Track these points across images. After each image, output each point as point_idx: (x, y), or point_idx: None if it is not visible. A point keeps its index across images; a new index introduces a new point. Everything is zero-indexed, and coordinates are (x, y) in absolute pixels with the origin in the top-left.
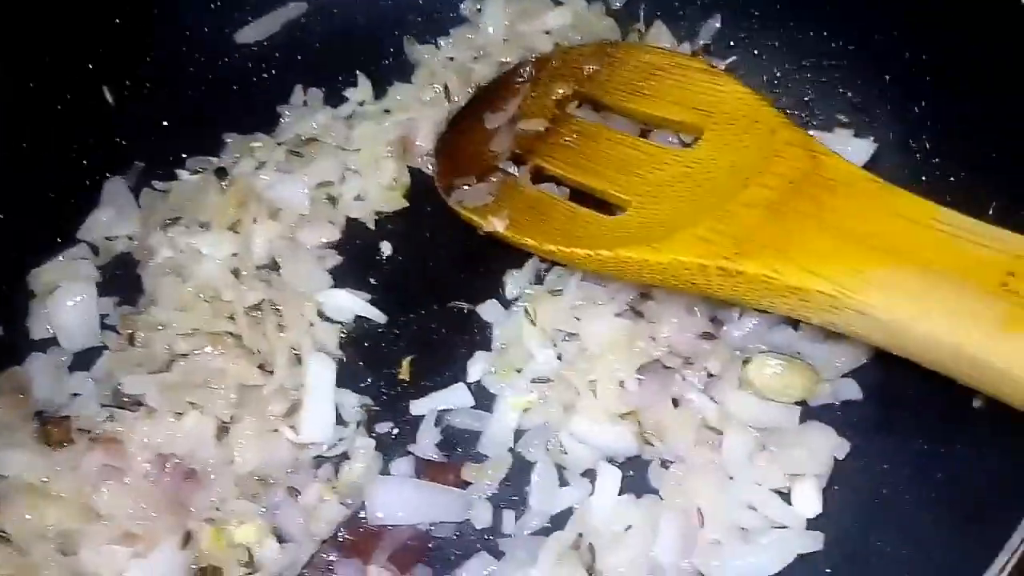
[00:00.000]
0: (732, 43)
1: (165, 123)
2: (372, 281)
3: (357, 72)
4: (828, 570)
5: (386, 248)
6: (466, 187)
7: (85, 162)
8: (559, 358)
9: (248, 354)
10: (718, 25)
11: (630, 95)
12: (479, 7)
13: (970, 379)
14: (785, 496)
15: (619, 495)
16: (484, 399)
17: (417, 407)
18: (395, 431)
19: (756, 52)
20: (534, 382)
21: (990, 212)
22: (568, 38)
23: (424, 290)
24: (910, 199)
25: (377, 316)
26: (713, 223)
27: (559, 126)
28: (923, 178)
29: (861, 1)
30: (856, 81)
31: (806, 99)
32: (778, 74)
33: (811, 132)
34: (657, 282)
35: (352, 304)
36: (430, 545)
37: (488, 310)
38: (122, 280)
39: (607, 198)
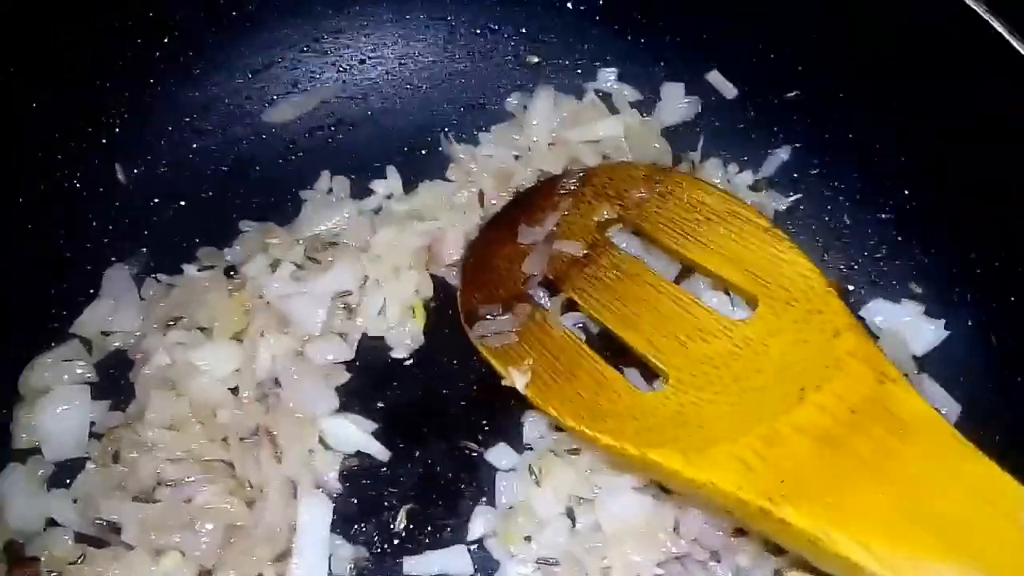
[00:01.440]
0: (799, 179)
1: (179, 204)
2: (380, 405)
3: (387, 164)
4: None
5: (399, 370)
6: (489, 317)
7: (88, 244)
8: (572, 530)
9: (239, 487)
10: (786, 157)
11: (680, 236)
12: (526, 105)
13: None
14: None
15: None
16: (485, 566)
17: (410, 566)
18: None
19: (826, 192)
20: (541, 561)
21: None
22: (617, 153)
23: (434, 423)
24: (991, 472)
25: (380, 453)
26: (758, 444)
27: (598, 254)
28: (990, 382)
29: (950, 156)
30: (936, 247)
31: (877, 256)
32: (848, 222)
33: (876, 300)
34: (686, 494)
35: (356, 436)
36: None
37: (497, 456)
38: (114, 380)
39: (642, 358)
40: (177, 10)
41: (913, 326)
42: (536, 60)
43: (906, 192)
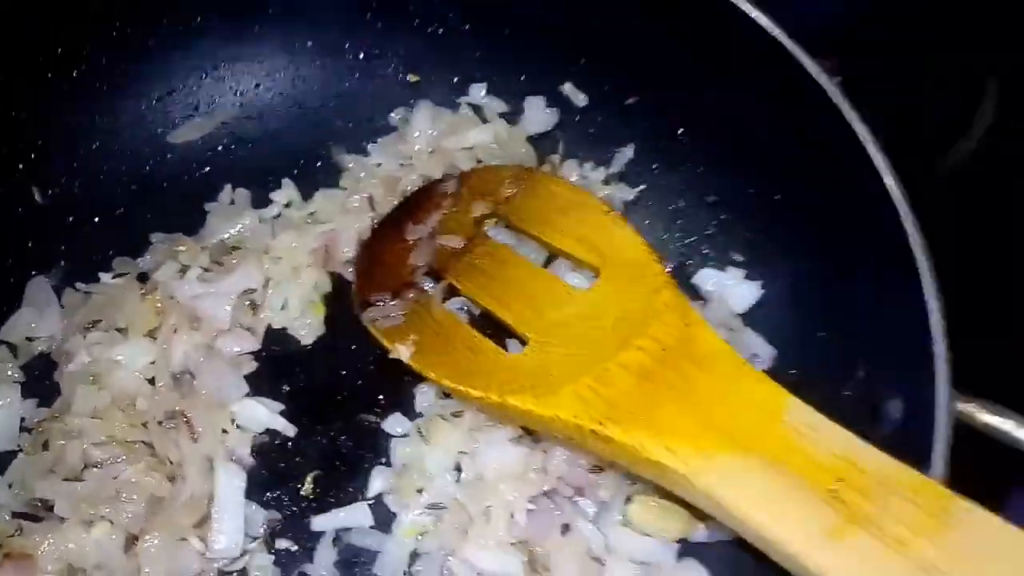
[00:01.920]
0: (642, 173)
1: (94, 220)
2: (286, 388)
3: (283, 177)
4: None
5: (302, 356)
6: (380, 303)
7: (10, 260)
8: (458, 481)
9: (160, 464)
10: (631, 155)
11: (539, 224)
12: (408, 119)
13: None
14: None
15: None
16: (384, 519)
17: (317, 524)
18: (295, 548)
19: (664, 184)
20: (430, 508)
21: (860, 375)
22: (489, 157)
23: (336, 401)
24: (766, 387)
25: (287, 429)
26: (592, 382)
27: (475, 246)
28: (800, 332)
29: (757, 148)
30: (752, 223)
31: (707, 233)
32: (682, 205)
33: (707, 268)
34: (542, 430)
35: (264, 416)
36: None
37: (393, 424)
38: (40, 380)
39: (511, 329)
40: (85, 45)
41: (736, 288)
42: (415, 79)
43: (727, 179)
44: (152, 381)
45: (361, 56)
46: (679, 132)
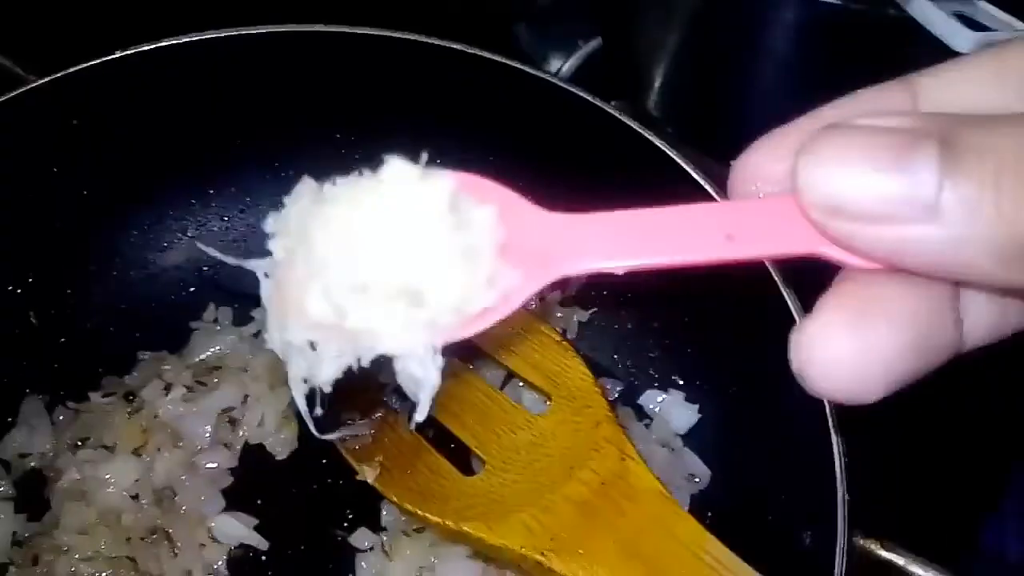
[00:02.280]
0: (595, 297)
1: (84, 340)
2: (259, 502)
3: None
4: None
5: (276, 471)
6: (349, 422)
7: (5, 379)
8: None
9: None
10: (584, 280)
11: (498, 346)
12: None
13: None
14: None
15: None
16: None
17: None
18: None
19: (613, 308)
20: None
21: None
22: None
23: (306, 514)
24: (688, 524)
25: (260, 543)
26: (537, 512)
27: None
28: (732, 455)
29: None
30: (689, 351)
31: (651, 355)
32: (630, 327)
33: (652, 389)
34: (494, 556)
35: (239, 531)
36: None
37: (360, 539)
38: (30, 495)
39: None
40: (79, 190)
41: (677, 410)
42: None
43: (664, 310)
44: (136, 497)
45: None
46: None
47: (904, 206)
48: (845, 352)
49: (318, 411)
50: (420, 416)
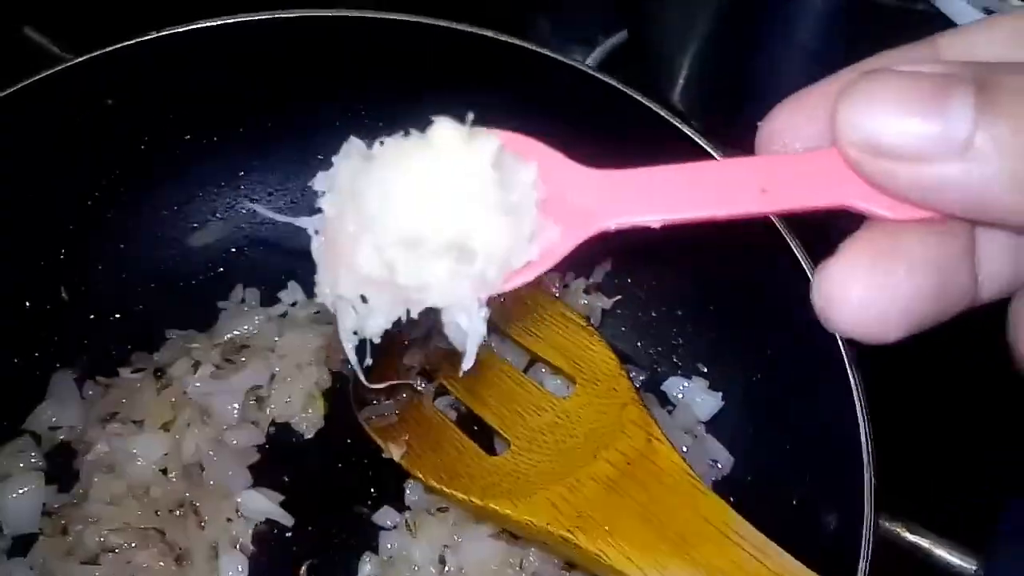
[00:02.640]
0: (618, 285)
1: (114, 317)
2: (286, 479)
3: (290, 280)
4: None
5: (302, 449)
6: (375, 402)
7: (36, 353)
8: (442, 573)
9: (169, 550)
10: (608, 268)
11: (522, 331)
12: None
13: None
14: None
15: None
16: None
17: None
18: None
19: (637, 296)
20: None
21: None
22: None
23: (331, 492)
24: (714, 503)
25: (285, 518)
26: (563, 490)
27: None
28: (755, 441)
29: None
30: (714, 337)
31: (674, 343)
32: (654, 315)
33: (675, 377)
34: (518, 532)
35: (265, 506)
36: None
37: (383, 517)
38: (60, 467)
39: (494, 431)
40: (113, 168)
41: (700, 397)
42: None
43: (688, 298)
44: (165, 471)
45: None
46: (646, 252)
47: (940, 144)
48: (866, 292)
49: (368, 361)
50: (467, 363)
